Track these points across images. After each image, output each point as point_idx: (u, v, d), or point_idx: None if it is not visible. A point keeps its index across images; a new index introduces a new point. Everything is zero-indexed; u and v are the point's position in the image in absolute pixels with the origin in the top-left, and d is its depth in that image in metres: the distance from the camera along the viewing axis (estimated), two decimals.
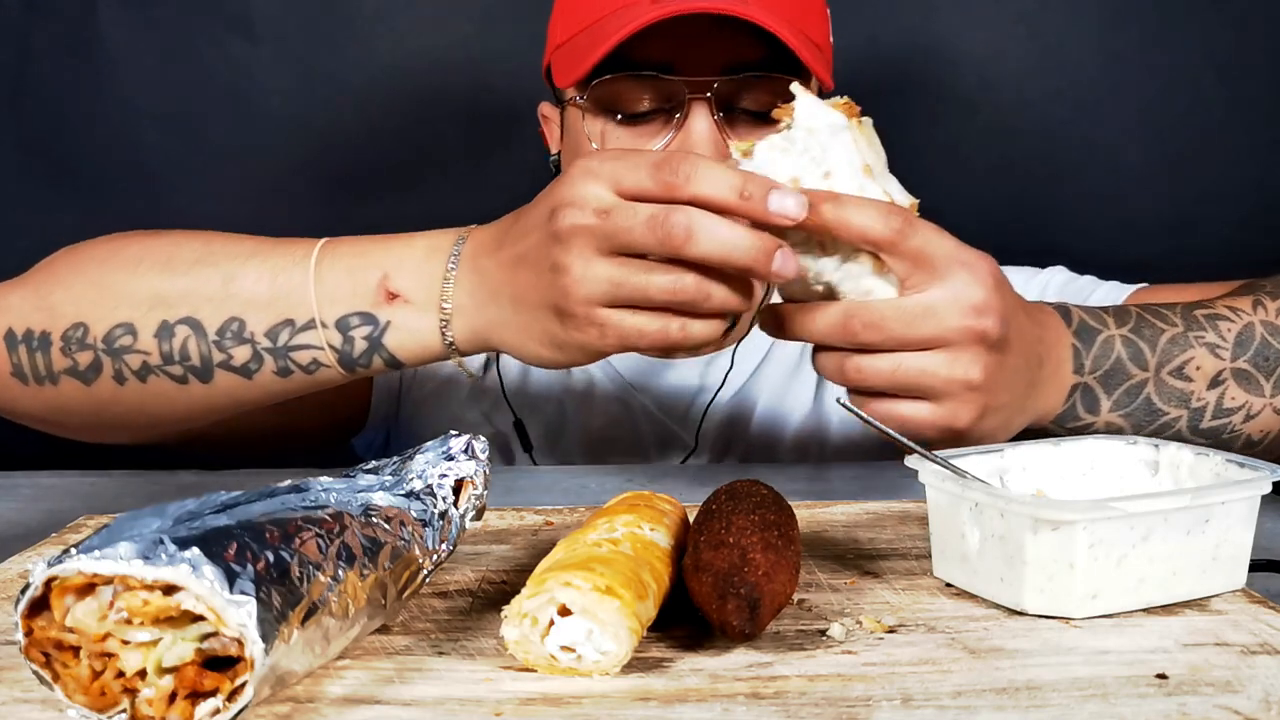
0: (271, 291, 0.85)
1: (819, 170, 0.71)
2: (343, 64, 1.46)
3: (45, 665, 0.51)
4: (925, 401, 0.73)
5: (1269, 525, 0.76)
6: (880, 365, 0.72)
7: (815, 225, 0.69)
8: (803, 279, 0.73)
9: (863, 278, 0.72)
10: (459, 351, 0.84)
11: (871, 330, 0.71)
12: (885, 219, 0.70)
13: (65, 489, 0.98)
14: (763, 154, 0.70)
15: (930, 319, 0.71)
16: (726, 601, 0.58)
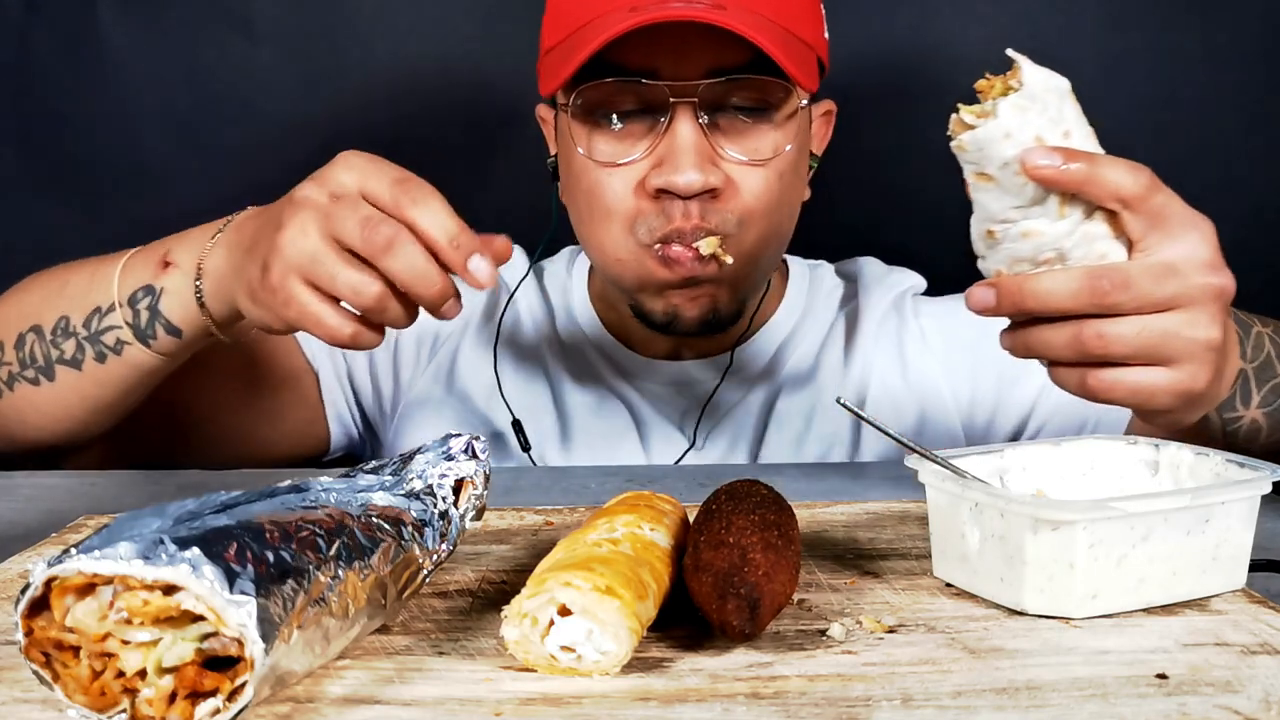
0: (90, 285, 0.97)
1: (1058, 130, 0.69)
2: (343, 64, 1.45)
3: (45, 665, 0.51)
4: (1161, 366, 0.70)
5: (1269, 525, 0.76)
6: (1124, 329, 0.68)
7: (1072, 180, 0.67)
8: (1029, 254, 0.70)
9: (1098, 240, 0.69)
10: (209, 311, 0.91)
11: (1121, 289, 0.68)
12: (1134, 174, 0.69)
13: (65, 489, 0.98)
14: (1007, 112, 0.67)
15: (1173, 277, 0.68)
16: (726, 601, 0.58)
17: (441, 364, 1.21)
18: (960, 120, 0.70)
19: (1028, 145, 0.67)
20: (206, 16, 1.44)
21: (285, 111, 1.45)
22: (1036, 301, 0.69)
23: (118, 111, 1.44)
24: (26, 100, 1.44)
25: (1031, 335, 0.71)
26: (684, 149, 0.99)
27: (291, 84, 1.45)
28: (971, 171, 0.70)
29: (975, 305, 0.72)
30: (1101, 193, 0.68)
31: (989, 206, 0.70)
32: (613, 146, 1.03)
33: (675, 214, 1.01)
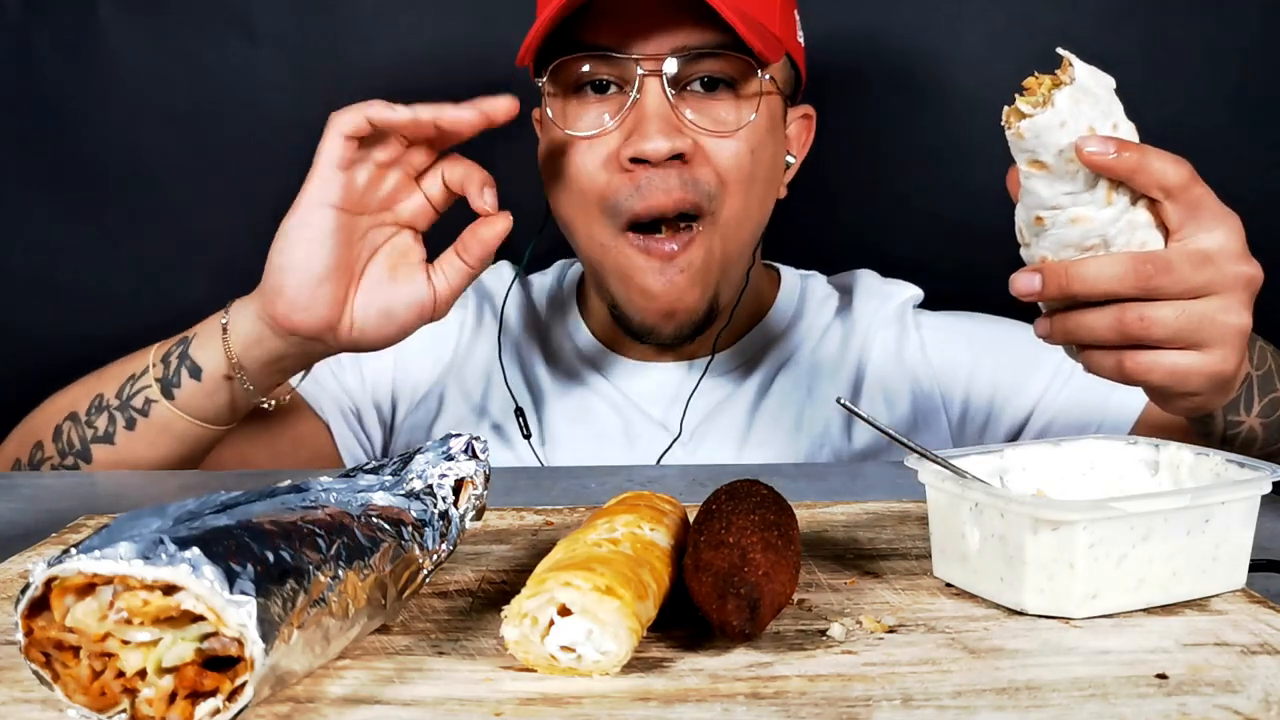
0: (127, 362, 1.04)
1: (1108, 121, 0.73)
2: (343, 64, 1.45)
3: (45, 665, 0.51)
4: (1194, 350, 0.73)
5: (1269, 525, 0.76)
6: (1164, 313, 0.72)
7: (1123, 167, 0.70)
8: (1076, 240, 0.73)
9: (1140, 228, 0.72)
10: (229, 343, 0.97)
11: (1164, 274, 0.71)
12: (1177, 166, 0.72)
13: (65, 489, 0.98)
14: (1063, 102, 0.71)
15: (1209, 265, 0.72)
16: (726, 601, 0.58)
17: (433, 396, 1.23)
18: (1016, 110, 0.73)
19: (1081, 134, 0.70)
20: (206, 16, 1.44)
21: (285, 111, 1.45)
22: (1084, 285, 0.72)
23: (118, 111, 1.44)
24: (26, 100, 1.44)
25: (1071, 320, 0.74)
26: (650, 117, 1.02)
27: (291, 84, 1.45)
28: (1026, 159, 0.73)
29: (1020, 289, 0.75)
30: (1149, 181, 0.71)
31: (1041, 193, 0.73)
32: (586, 113, 1.05)
33: (653, 189, 1.02)
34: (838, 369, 1.20)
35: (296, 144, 1.50)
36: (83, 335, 1.47)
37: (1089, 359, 0.75)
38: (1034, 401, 1.15)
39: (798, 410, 1.18)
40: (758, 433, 1.17)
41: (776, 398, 1.18)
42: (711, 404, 1.18)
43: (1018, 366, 1.16)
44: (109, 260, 1.47)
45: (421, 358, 1.23)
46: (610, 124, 1.04)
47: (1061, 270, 0.72)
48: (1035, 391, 1.15)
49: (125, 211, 1.46)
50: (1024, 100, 0.73)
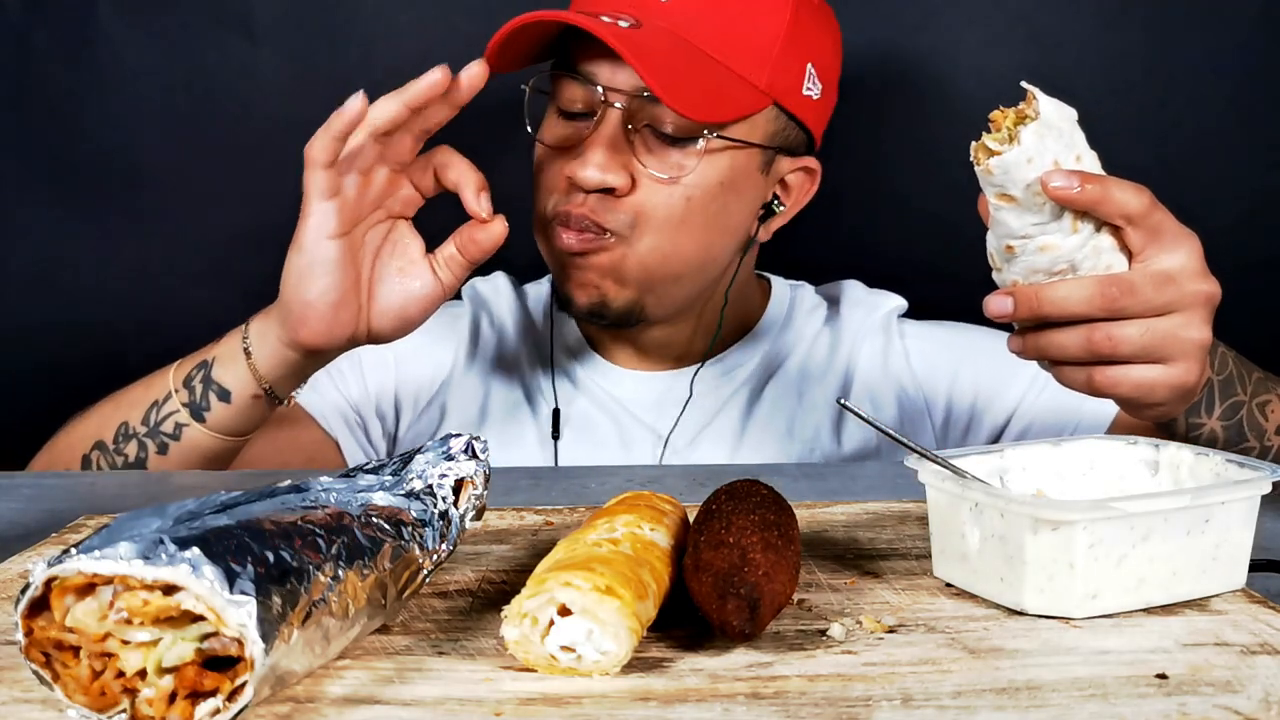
0: (146, 388, 1.06)
1: (1071, 154, 0.75)
2: (343, 64, 1.45)
3: (45, 665, 0.51)
4: (1159, 364, 0.78)
5: (1269, 525, 0.76)
6: (1130, 332, 0.76)
7: (1086, 199, 0.74)
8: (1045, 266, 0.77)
9: (1104, 252, 0.76)
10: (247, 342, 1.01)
11: (1129, 296, 0.75)
12: (1138, 195, 0.75)
13: (65, 489, 0.98)
14: (1028, 138, 0.74)
15: (1171, 285, 0.76)
16: (726, 601, 0.58)
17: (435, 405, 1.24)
18: (984, 146, 0.75)
19: (1047, 168, 0.74)
20: (206, 16, 1.43)
21: (285, 111, 1.45)
22: (1054, 307, 0.76)
23: (118, 111, 1.44)
24: (26, 100, 1.44)
25: (1043, 339, 0.78)
26: (597, 145, 1.06)
27: (291, 84, 1.45)
28: (995, 193, 0.76)
29: (994, 312, 0.79)
30: (1111, 211, 0.75)
31: (1010, 224, 0.76)
32: (557, 133, 1.11)
33: (576, 198, 1.07)
34: (825, 376, 1.22)
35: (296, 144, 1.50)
36: (83, 335, 1.48)
37: (1060, 374, 0.79)
38: (1013, 406, 1.20)
39: (789, 416, 1.20)
40: (750, 438, 1.19)
41: (768, 404, 1.21)
42: (704, 410, 1.20)
43: (997, 374, 1.20)
44: (109, 260, 1.47)
45: (422, 366, 1.24)
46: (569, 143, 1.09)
47: (1032, 294, 0.76)
48: (1014, 397, 1.20)
49: (125, 211, 1.46)
50: (991, 137, 0.75)
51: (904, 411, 1.21)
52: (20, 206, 1.46)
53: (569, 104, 1.09)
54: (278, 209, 1.47)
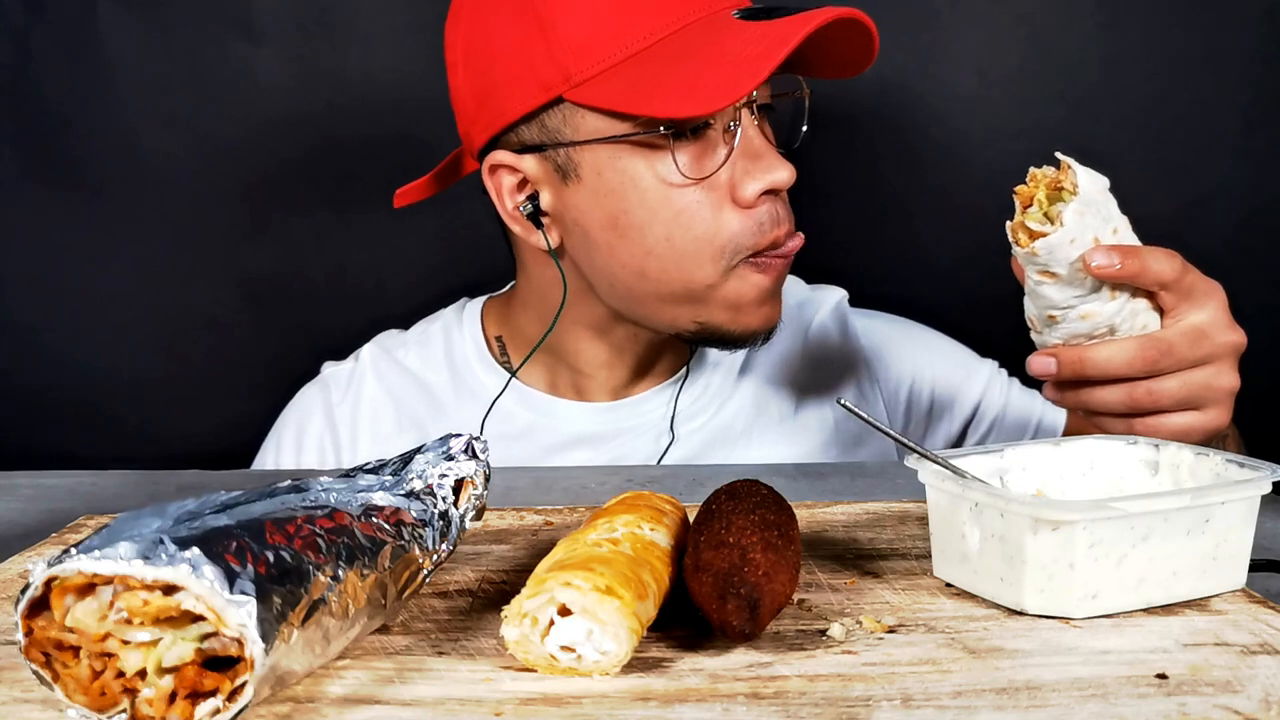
0: None
1: (1109, 228, 0.79)
2: (343, 64, 1.45)
3: (45, 665, 0.51)
4: (1195, 410, 0.84)
5: (1269, 525, 0.76)
6: (1169, 386, 0.82)
7: (1126, 275, 0.79)
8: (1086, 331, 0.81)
9: (1140, 314, 0.82)
10: None
11: (1167, 356, 0.81)
12: (1170, 261, 0.80)
13: (65, 489, 0.98)
14: (1071, 218, 0.77)
15: (1204, 340, 0.82)
16: (726, 601, 0.58)
17: None
18: (1024, 225, 0.78)
19: (1087, 245, 0.78)
20: (206, 16, 1.44)
21: (285, 111, 1.45)
22: (1097, 369, 0.82)
23: (118, 111, 1.44)
24: (26, 100, 1.44)
25: (1084, 394, 0.84)
26: (767, 147, 1.02)
27: (291, 84, 1.45)
28: (1037, 269, 0.80)
29: (1038, 372, 0.84)
30: (1149, 281, 0.80)
31: (1053, 297, 0.80)
32: (695, 162, 0.99)
33: (771, 222, 1.01)
34: (778, 379, 1.20)
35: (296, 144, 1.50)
36: (83, 335, 1.48)
37: (1100, 424, 0.85)
38: (977, 398, 1.22)
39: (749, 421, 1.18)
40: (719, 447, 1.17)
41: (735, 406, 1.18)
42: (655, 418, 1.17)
43: (954, 377, 1.23)
44: (109, 260, 1.47)
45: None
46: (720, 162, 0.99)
47: (1075, 357, 0.82)
48: (971, 402, 1.22)
49: (125, 211, 1.46)
50: (1030, 217, 0.78)
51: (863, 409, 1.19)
52: (20, 206, 1.46)
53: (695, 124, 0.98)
54: (278, 209, 1.48)
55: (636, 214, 1.00)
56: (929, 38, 1.46)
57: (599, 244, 1.03)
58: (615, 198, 1.00)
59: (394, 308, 1.34)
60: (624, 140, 0.98)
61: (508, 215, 1.07)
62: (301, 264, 1.48)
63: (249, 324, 1.48)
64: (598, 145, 0.99)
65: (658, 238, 1.00)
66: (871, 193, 1.48)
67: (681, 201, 0.99)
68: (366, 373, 1.21)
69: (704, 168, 0.99)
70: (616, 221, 1.01)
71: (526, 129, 1.02)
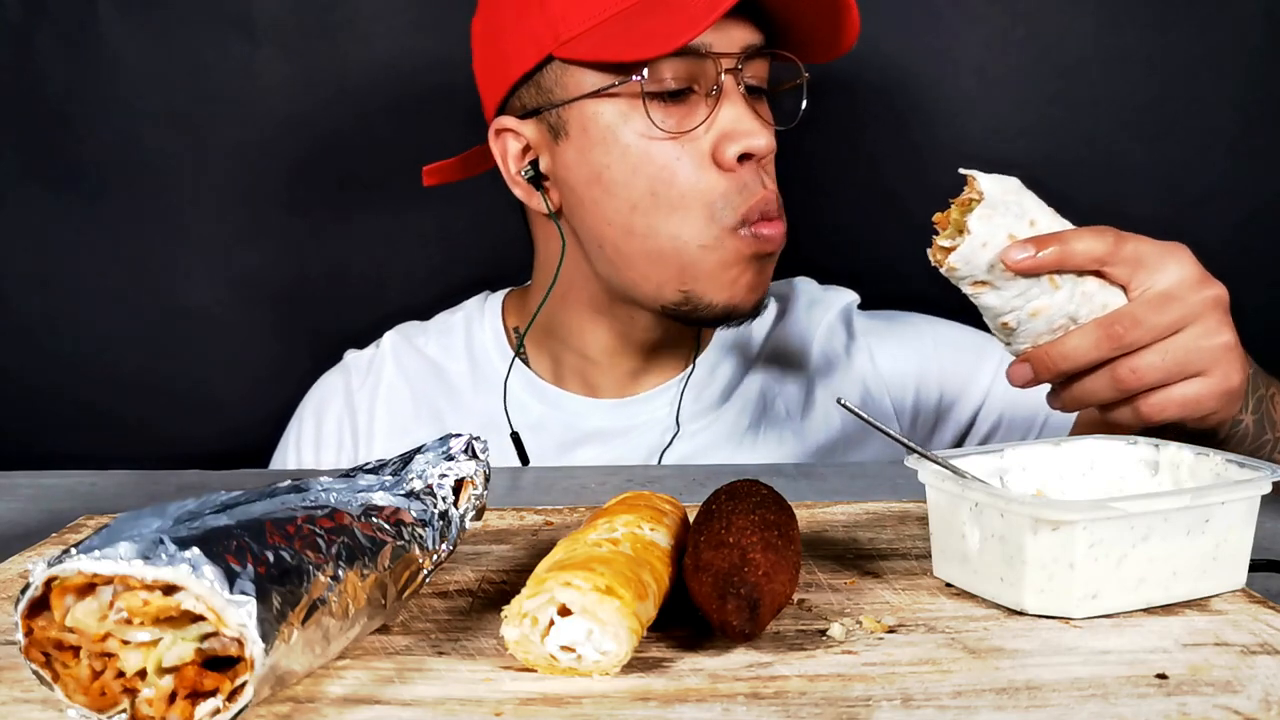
0: None
1: (1024, 222, 0.78)
2: (343, 64, 1.45)
3: (45, 665, 0.51)
4: (1197, 377, 0.79)
5: (1269, 525, 0.76)
6: (1150, 358, 0.78)
7: (1049, 262, 0.76)
8: (1045, 328, 0.79)
9: (1095, 295, 0.79)
10: None
11: (1133, 328, 0.77)
12: (1099, 237, 0.77)
13: (65, 489, 0.98)
14: (976, 224, 0.76)
15: (1173, 302, 0.77)
16: (726, 601, 0.58)
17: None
18: (939, 247, 0.78)
19: (1003, 245, 0.76)
20: (206, 16, 1.44)
21: (285, 111, 1.45)
22: (1068, 362, 0.79)
23: (118, 111, 1.44)
24: (26, 100, 1.44)
25: (1074, 391, 0.81)
26: (749, 115, 1.03)
27: (291, 84, 1.45)
28: (967, 284, 0.79)
29: (1018, 380, 0.82)
30: (1079, 263, 0.77)
31: (994, 305, 0.79)
32: (677, 117, 1.03)
33: (755, 185, 1.03)
34: (784, 377, 1.20)
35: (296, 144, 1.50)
36: (83, 334, 1.48)
37: (1110, 417, 0.81)
38: (981, 398, 1.20)
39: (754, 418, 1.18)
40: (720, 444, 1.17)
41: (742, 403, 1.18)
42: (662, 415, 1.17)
43: (962, 366, 1.20)
44: (109, 260, 1.47)
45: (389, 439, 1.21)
46: (699, 123, 1.03)
47: (1044, 354, 0.79)
48: (981, 389, 1.20)
49: (125, 211, 1.46)
50: (942, 236, 0.78)
51: (869, 412, 1.19)
52: (20, 206, 1.46)
53: (672, 87, 1.02)
54: (278, 209, 1.48)
55: (618, 169, 1.03)
56: (929, 37, 1.46)
57: (585, 201, 1.06)
58: (598, 152, 1.04)
59: (394, 308, 1.34)
60: (603, 94, 1.03)
61: (511, 179, 1.11)
62: (301, 264, 1.48)
63: (249, 324, 1.48)
64: (584, 101, 1.04)
65: (641, 192, 1.03)
66: (872, 192, 1.48)
67: (662, 157, 1.03)
68: (387, 359, 1.24)
69: (682, 125, 1.02)
70: (600, 177, 1.04)
71: (526, 93, 1.08)
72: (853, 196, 1.47)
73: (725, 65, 1.02)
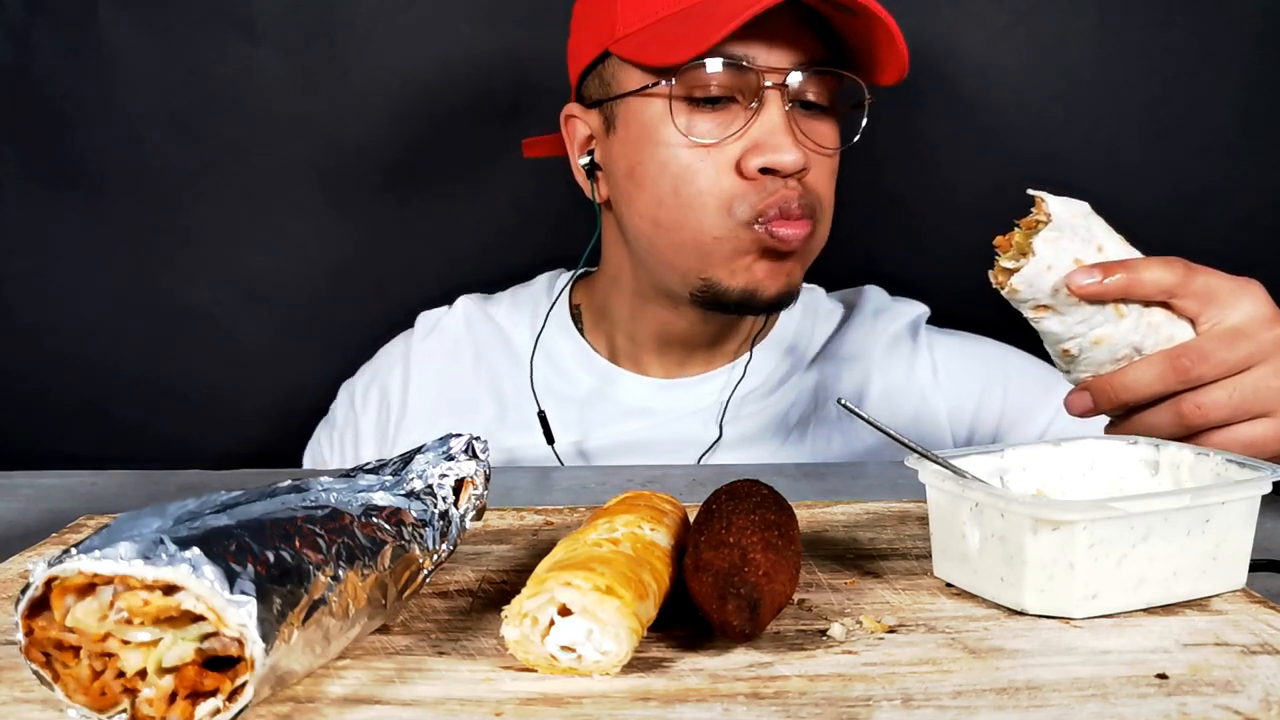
0: None
1: (1091, 247, 0.76)
2: (343, 64, 1.45)
3: (45, 665, 0.51)
4: (1264, 418, 0.78)
5: (1269, 525, 0.76)
6: (1217, 395, 0.76)
7: (1116, 290, 0.75)
8: (1107, 357, 0.78)
9: (1162, 326, 0.77)
10: None
11: (1201, 362, 0.76)
12: (1169, 267, 0.75)
13: (65, 489, 0.98)
14: (1042, 246, 0.75)
15: (1243, 339, 0.76)
16: (726, 601, 0.58)
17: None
18: (1001, 268, 0.77)
19: (1069, 269, 0.74)
20: (206, 16, 1.44)
21: (285, 111, 1.45)
22: (1129, 393, 0.77)
23: (118, 111, 1.44)
24: (26, 100, 1.44)
25: (1134, 423, 0.79)
26: (783, 130, 1.03)
27: (291, 84, 1.45)
28: (1029, 307, 0.77)
29: (1076, 409, 0.80)
30: (1147, 292, 0.75)
31: (1056, 330, 0.77)
32: (710, 125, 1.05)
33: (776, 185, 1.04)
34: (840, 379, 1.21)
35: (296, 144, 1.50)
36: (83, 334, 1.48)
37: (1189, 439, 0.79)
38: (1039, 434, 1.18)
39: (804, 416, 1.19)
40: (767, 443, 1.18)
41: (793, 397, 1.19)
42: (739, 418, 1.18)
43: (1026, 399, 1.19)
44: (109, 260, 1.47)
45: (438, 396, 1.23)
46: (732, 134, 1.04)
47: (1106, 384, 0.77)
48: (1040, 425, 1.19)
49: (125, 211, 1.46)
50: (1005, 257, 0.76)
51: (923, 426, 1.19)
52: (20, 206, 1.46)
53: (710, 93, 1.04)
54: (278, 209, 1.48)
55: (649, 166, 1.07)
56: (930, 37, 1.45)
57: (623, 194, 1.10)
58: (635, 149, 1.08)
59: (395, 307, 1.34)
60: (644, 93, 1.06)
61: (574, 165, 1.16)
62: (302, 264, 1.48)
63: (249, 324, 1.48)
64: (632, 98, 1.07)
65: (666, 189, 1.06)
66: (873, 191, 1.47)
67: (685, 160, 1.05)
68: (458, 316, 1.28)
69: (711, 134, 1.04)
70: (634, 172, 1.08)
71: (591, 83, 1.12)
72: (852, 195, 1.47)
73: (771, 79, 1.03)
